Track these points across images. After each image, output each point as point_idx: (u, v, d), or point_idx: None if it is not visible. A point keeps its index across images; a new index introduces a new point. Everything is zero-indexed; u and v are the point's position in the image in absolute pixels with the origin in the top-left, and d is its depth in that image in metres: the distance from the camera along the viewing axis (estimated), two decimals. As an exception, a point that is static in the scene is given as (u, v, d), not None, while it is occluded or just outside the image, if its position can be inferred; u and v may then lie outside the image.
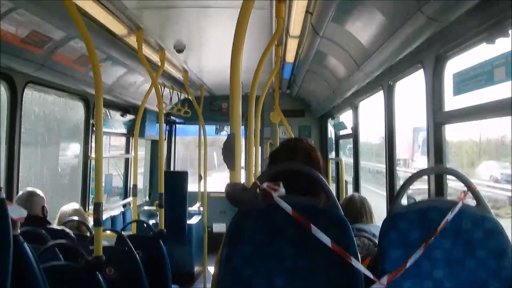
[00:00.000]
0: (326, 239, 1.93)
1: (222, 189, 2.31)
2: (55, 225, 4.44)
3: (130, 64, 5.80)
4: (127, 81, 6.49)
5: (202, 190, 8.24)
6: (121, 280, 4.01)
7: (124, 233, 4.47)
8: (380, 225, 2.18)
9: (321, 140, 9.57)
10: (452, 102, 3.24)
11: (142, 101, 5.76)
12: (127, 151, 8.35)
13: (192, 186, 8.87)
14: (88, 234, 4.45)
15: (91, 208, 6.21)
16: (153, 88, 5.17)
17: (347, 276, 1.96)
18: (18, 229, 3.13)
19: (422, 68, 3.53)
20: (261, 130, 9.07)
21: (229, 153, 2.12)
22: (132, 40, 4.85)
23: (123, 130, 8.06)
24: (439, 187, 3.34)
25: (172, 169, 10.75)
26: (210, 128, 10.22)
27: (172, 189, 6.99)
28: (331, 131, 9.16)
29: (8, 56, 3.86)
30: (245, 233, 2.03)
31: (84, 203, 6.29)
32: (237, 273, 1.99)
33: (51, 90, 5.43)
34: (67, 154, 6.88)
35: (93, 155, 6.16)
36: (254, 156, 5.42)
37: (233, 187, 2.08)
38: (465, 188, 2.16)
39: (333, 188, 8.02)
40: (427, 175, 3.38)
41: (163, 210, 5.17)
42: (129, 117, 7.87)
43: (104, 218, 6.83)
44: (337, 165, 8.09)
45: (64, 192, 6.63)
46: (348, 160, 7.31)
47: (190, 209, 8.25)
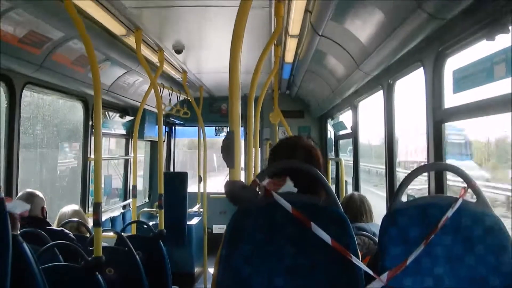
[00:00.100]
0: (326, 237, 1.92)
1: (222, 190, 2.30)
2: (54, 226, 4.43)
3: (129, 65, 5.80)
4: (126, 82, 6.49)
5: (201, 191, 8.25)
6: (121, 281, 4.00)
7: (124, 234, 4.46)
8: (379, 224, 2.18)
9: (320, 140, 9.57)
10: (451, 102, 3.25)
11: (141, 102, 5.76)
12: (127, 152, 8.35)
13: (192, 187, 8.86)
14: (88, 235, 4.44)
15: (91, 209, 6.21)
16: (152, 89, 5.16)
17: (347, 274, 1.96)
18: (17, 229, 3.13)
19: (422, 66, 3.53)
20: (261, 131, 9.08)
21: (228, 151, 2.11)
22: (131, 41, 4.84)
23: (122, 131, 8.05)
24: (439, 184, 3.34)
25: (171, 170, 10.74)
26: (210, 130, 10.22)
27: (171, 190, 6.98)
28: (330, 131, 9.16)
29: (6, 56, 3.86)
30: (244, 232, 2.02)
31: (83, 204, 6.29)
32: (237, 272, 1.98)
33: (49, 91, 5.42)
34: (67, 156, 6.88)
35: (92, 156, 6.15)
36: (254, 157, 5.42)
37: (232, 185, 2.07)
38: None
39: (333, 188, 8.01)
40: (427, 172, 3.38)
41: (163, 211, 5.16)
42: (128, 118, 7.86)
43: (104, 219, 6.82)
44: (337, 165, 8.10)
45: (63, 194, 6.63)
46: (348, 163, 7.29)
47: (190, 210, 8.24)
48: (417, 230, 2.08)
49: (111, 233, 5.00)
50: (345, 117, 7.43)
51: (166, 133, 10.34)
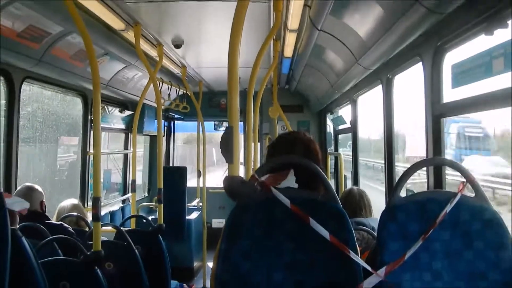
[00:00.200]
0: (325, 232, 1.92)
1: (221, 184, 2.30)
2: (53, 220, 4.44)
3: (128, 59, 5.79)
4: (125, 76, 6.48)
5: (201, 185, 8.25)
6: (120, 275, 4.00)
7: (123, 228, 4.46)
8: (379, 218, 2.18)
9: (319, 135, 9.57)
10: (450, 96, 3.25)
11: (140, 97, 5.75)
12: (126, 147, 8.34)
13: (191, 181, 8.86)
14: (87, 229, 4.44)
15: (90, 203, 6.21)
16: (151, 83, 5.16)
17: (345, 269, 1.96)
18: (16, 223, 3.13)
19: (420, 61, 3.53)
20: (260, 126, 9.06)
21: (227, 146, 2.11)
22: (130, 35, 4.83)
23: (122, 126, 8.04)
24: (437, 179, 3.34)
25: (171, 164, 10.74)
26: (209, 124, 10.22)
27: (171, 184, 6.99)
28: (329, 126, 9.15)
29: (5, 51, 3.85)
30: (243, 227, 2.02)
31: (83, 198, 6.29)
32: (236, 268, 1.99)
33: (48, 86, 5.41)
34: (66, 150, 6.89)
35: (91, 150, 6.15)
36: (253, 152, 5.41)
37: (231, 180, 2.07)
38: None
39: (332, 183, 8.03)
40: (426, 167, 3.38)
41: (162, 205, 5.16)
42: (128, 112, 7.85)
43: (103, 213, 6.83)
44: (336, 159, 8.10)
45: (63, 188, 6.64)
46: (348, 158, 7.28)
47: (189, 204, 8.24)
48: (416, 225, 2.08)
49: (110, 228, 5.01)
50: (345, 111, 7.42)
51: (166, 127, 10.33)
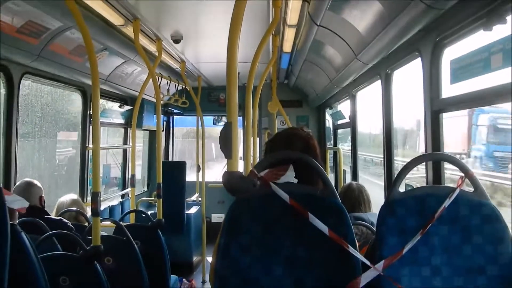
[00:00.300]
0: (324, 227, 1.92)
1: (221, 179, 2.30)
2: (53, 215, 4.44)
3: (127, 55, 5.78)
4: (124, 71, 6.47)
5: (200, 180, 8.26)
6: (120, 270, 4.01)
7: (123, 223, 4.46)
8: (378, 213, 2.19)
9: (318, 129, 9.58)
10: (449, 92, 3.25)
11: (139, 92, 5.74)
12: (125, 142, 8.34)
13: (191, 176, 8.87)
14: (86, 224, 4.45)
15: (89, 198, 6.22)
16: (151, 78, 5.16)
17: (344, 264, 1.97)
18: (16, 219, 3.13)
19: (419, 56, 3.53)
20: (259, 120, 9.07)
21: (226, 141, 2.11)
22: (129, 30, 4.82)
23: (121, 121, 8.04)
24: (436, 174, 3.35)
25: (170, 159, 10.74)
26: (208, 119, 10.23)
27: (170, 179, 6.98)
28: (328, 121, 9.16)
29: (4, 46, 3.84)
30: (242, 222, 2.03)
31: (82, 193, 6.30)
32: (235, 263, 1.99)
33: (48, 81, 5.41)
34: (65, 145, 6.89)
35: (90, 145, 6.15)
36: (252, 147, 5.42)
37: (230, 175, 2.07)
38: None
39: (331, 178, 8.04)
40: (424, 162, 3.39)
41: (161, 200, 5.16)
42: (127, 107, 7.85)
43: (102, 208, 6.84)
44: (335, 154, 8.11)
45: (62, 183, 6.64)
46: (347, 152, 7.28)
47: (188, 199, 8.25)
48: (414, 220, 2.09)
49: (109, 223, 5.02)
50: (344, 106, 7.43)
51: (165, 122, 10.33)
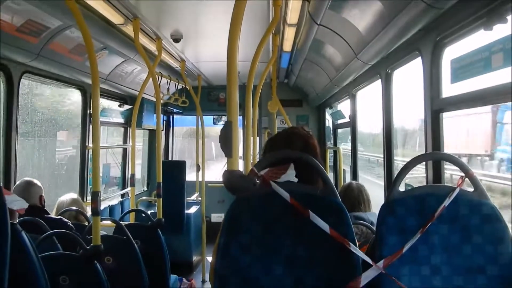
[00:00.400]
0: (325, 226, 1.92)
1: (220, 178, 2.30)
2: (53, 214, 4.44)
3: (127, 54, 5.78)
4: (124, 70, 6.47)
5: (200, 179, 8.26)
6: (120, 270, 4.01)
7: (122, 222, 4.46)
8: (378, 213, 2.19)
9: (318, 129, 9.58)
10: (449, 91, 3.25)
11: (139, 91, 5.74)
12: (125, 141, 8.34)
13: (190, 176, 8.87)
14: (86, 224, 4.45)
15: (89, 198, 6.22)
16: (150, 77, 5.16)
17: (344, 263, 1.96)
18: (16, 218, 3.13)
19: (420, 56, 3.52)
20: (259, 120, 9.08)
21: (226, 140, 2.10)
22: (129, 29, 4.82)
23: (121, 120, 8.04)
24: (436, 174, 3.34)
25: (170, 159, 10.74)
26: (208, 119, 10.23)
27: (170, 178, 6.98)
28: (328, 120, 9.16)
29: (3, 45, 3.84)
30: (243, 221, 2.02)
31: (82, 193, 6.29)
32: (235, 262, 1.99)
33: (47, 80, 5.40)
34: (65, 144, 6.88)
35: (90, 144, 6.15)
36: (252, 146, 5.42)
37: (230, 174, 2.07)
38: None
39: (331, 177, 8.04)
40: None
41: (161, 199, 5.16)
42: (127, 107, 7.85)
43: (102, 208, 6.83)
44: (335, 154, 8.11)
45: (62, 182, 6.64)
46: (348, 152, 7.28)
47: (188, 199, 8.25)
48: (414, 220, 2.09)
49: (109, 222, 5.02)
50: (343, 106, 7.43)
51: (165, 121, 10.33)
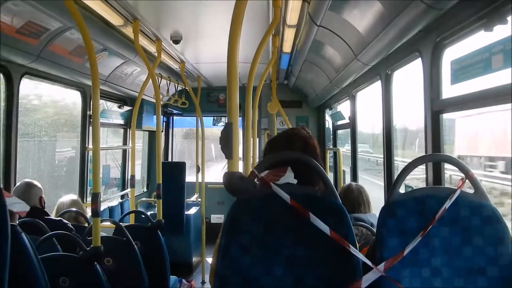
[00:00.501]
0: (325, 227, 1.92)
1: (221, 179, 2.30)
2: (53, 216, 4.44)
3: (126, 55, 5.78)
4: (124, 72, 6.48)
5: (200, 181, 8.26)
6: (120, 271, 4.01)
7: (122, 223, 4.46)
8: (377, 214, 2.19)
9: (318, 130, 9.58)
10: (449, 92, 3.25)
11: (139, 92, 5.74)
12: (125, 142, 8.34)
13: (190, 177, 8.87)
14: (86, 225, 4.44)
15: (89, 199, 6.22)
16: (150, 79, 5.16)
17: (345, 265, 1.96)
18: (16, 219, 3.13)
19: (420, 57, 3.52)
20: (259, 121, 9.08)
21: (227, 142, 2.11)
22: (128, 31, 4.82)
23: (121, 121, 8.03)
24: (437, 175, 3.34)
25: (170, 160, 10.74)
26: (208, 120, 10.23)
27: (170, 180, 6.99)
28: (328, 121, 9.16)
29: (3, 47, 3.84)
30: (243, 223, 2.02)
31: (82, 194, 6.29)
32: (235, 263, 1.99)
33: (47, 82, 5.40)
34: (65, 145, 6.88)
35: (90, 146, 6.15)
36: (252, 147, 5.42)
37: (231, 176, 2.07)
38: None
39: (331, 178, 8.04)
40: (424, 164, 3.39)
41: (161, 201, 5.16)
42: (126, 108, 7.85)
43: (102, 209, 6.82)
44: (335, 155, 8.11)
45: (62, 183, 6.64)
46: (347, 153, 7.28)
47: (188, 200, 8.25)
48: (415, 222, 2.08)
49: (109, 223, 5.01)
50: (343, 107, 7.43)
51: (164, 123, 10.33)
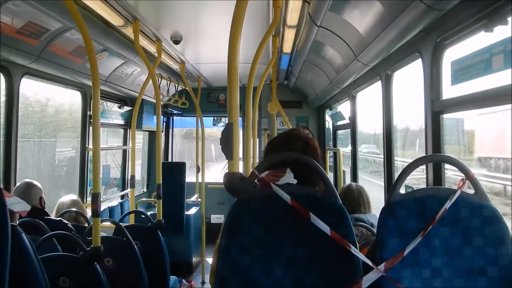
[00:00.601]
0: (325, 227, 1.92)
1: (221, 179, 2.30)
2: (53, 216, 4.44)
3: (127, 55, 5.78)
4: (124, 72, 6.48)
5: (200, 181, 8.26)
6: (120, 271, 4.01)
7: (122, 224, 4.46)
8: (377, 215, 2.18)
9: (318, 130, 9.58)
10: (450, 93, 3.24)
11: (139, 93, 5.74)
12: (125, 142, 8.34)
13: (190, 177, 8.87)
14: (86, 225, 4.44)
15: (89, 199, 6.22)
16: (150, 79, 5.16)
17: (345, 265, 1.96)
18: (16, 219, 3.13)
19: (420, 57, 3.52)
20: (259, 121, 9.08)
21: (227, 142, 2.11)
22: (128, 31, 4.83)
23: (121, 122, 8.03)
24: (437, 176, 3.34)
25: (170, 160, 10.74)
26: (208, 120, 10.23)
27: (170, 180, 6.98)
28: (328, 122, 9.16)
29: (3, 47, 3.84)
30: (243, 223, 2.02)
31: (82, 194, 6.29)
32: (235, 263, 1.99)
33: (48, 82, 5.40)
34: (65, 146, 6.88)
35: (90, 146, 6.15)
36: (252, 147, 5.42)
37: (231, 176, 2.07)
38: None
39: (331, 178, 8.04)
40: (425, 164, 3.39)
41: (161, 201, 5.16)
42: (127, 108, 7.85)
43: (102, 209, 6.82)
44: (335, 155, 8.11)
45: (62, 183, 6.64)
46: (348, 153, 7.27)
47: (188, 200, 8.25)
48: (415, 222, 2.08)
49: (109, 223, 5.01)
50: (343, 107, 7.43)
51: (164, 123, 10.33)
